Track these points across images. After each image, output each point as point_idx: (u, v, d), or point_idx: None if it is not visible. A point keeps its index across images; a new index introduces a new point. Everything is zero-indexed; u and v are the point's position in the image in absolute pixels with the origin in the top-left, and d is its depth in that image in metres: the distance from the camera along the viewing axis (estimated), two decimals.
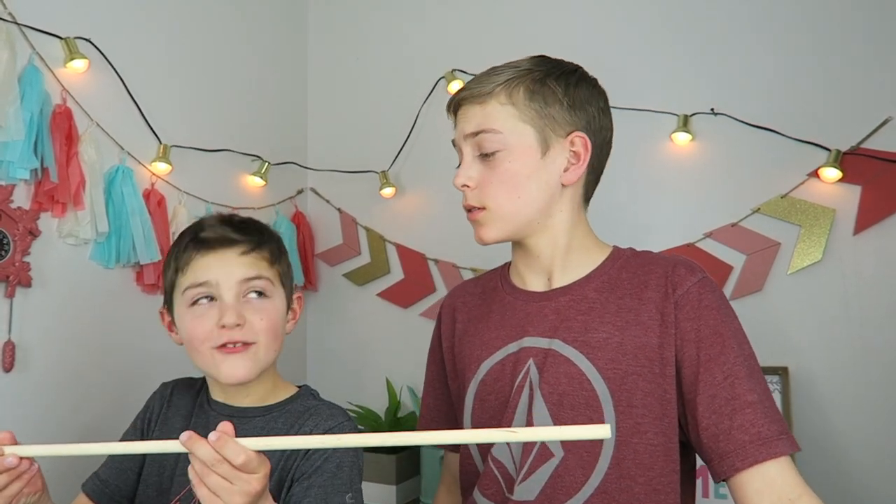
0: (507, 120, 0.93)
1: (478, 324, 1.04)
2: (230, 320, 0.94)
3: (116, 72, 1.53)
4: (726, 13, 1.65)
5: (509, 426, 0.93)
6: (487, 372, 0.98)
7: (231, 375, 0.95)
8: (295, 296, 1.09)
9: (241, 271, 0.98)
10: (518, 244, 1.00)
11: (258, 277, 0.99)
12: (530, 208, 0.94)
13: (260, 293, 0.99)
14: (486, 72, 0.98)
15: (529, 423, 0.91)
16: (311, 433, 0.98)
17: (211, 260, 0.98)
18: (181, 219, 1.64)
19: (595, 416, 0.88)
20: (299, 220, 2.04)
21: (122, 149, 1.53)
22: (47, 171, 1.33)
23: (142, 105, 1.58)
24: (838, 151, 1.49)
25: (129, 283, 1.53)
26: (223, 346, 0.95)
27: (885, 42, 1.49)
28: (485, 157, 0.94)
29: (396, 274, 1.99)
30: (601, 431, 0.58)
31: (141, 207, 1.52)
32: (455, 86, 1.90)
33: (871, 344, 1.45)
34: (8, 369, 1.29)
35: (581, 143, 0.94)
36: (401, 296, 1.96)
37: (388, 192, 1.99)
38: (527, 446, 0.91)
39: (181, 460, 1.01)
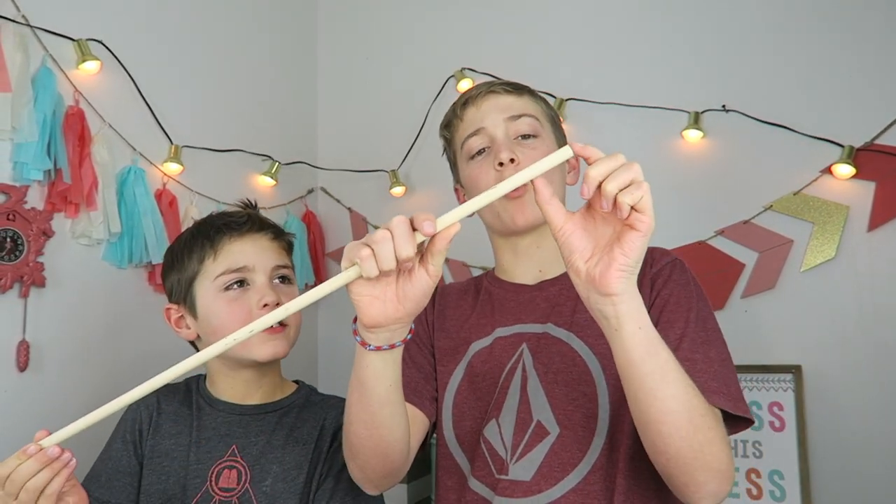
0: (540, 113, 1.02)
1: (468, 310, 1.06)
2: (272, 298, 1.00)
3: (128, 73, 1.54)
4: (738, 9, 1.64)
5: (500, 408, 0.94)
6: (476, 353, 0.99)
7: (273, 354, 1.02)
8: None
9: (273, 256, 1.05)
10: (519, 237, 1.02)
11: (285, 266, 1.07)
12: (560, 195, 0.97)
13: (286, 279, 1.07)
14: (495, 80, 1.08)
15: (524, 403, 0.92)
16: (324, 425, 1.05)
17: (245, 244, 1.04)
18: (192, 218, 1.65)
19: (588, 391, 0.91)
20: (310, 220, 2.05)
21: (134, 149, 1.54)
22: (60, 172, 1.34)
23: (153, 106, 1.59)
24: (852, 147, 1.47)
25: (141, 282, 1.54)
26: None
27: None
28: (524, 138, 0.98)
29: None
30: (564, 152, 0.66)
31: (153, 208, 1.53)
32: (465, 84, 1.90)
33: (886, 342, 1.44)
34: (23, 369, 1.30)
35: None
36: None
37: (397, 191, 1.99)
38: (520, 425, 0.91)
39: (191, 462, 1.02)
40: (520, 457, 0.90)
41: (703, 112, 1.64)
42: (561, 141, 1.05)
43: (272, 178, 1.91)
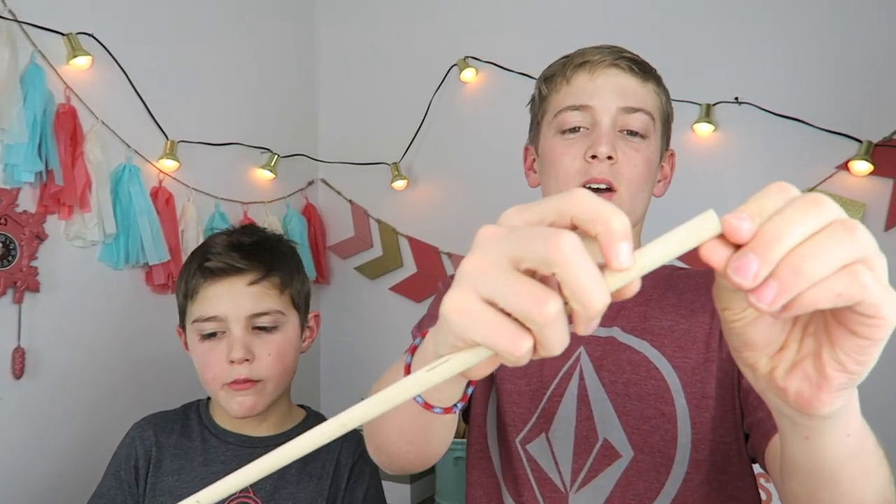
0: (657, 110, 0.86)
1: None
2: (238, 355, 0.93)
3: (121, 67, 1.49)
4: None
5: (551, 419, 0.79)
6: None
7: (239, 411, 0.95)
8: (311, 314, 1.07)
9: (249, 305, 0.95)
10: None
11: (266, 313, 0.96)
12: (643, 207, 0.86)
13: (267, 328, 0.97)
14: (623, 49, 0.86)
15: (585, 416, 0.79)
16: (339, 460, 1.00)
17: (220, 289, 0.95)
18: (190, 216, 1.61)
19: (667, 410, 0.77)
20: (310, 213, 2.01)
21: (129, 146, 1.49)
22: (52, 173, 1.30)
23: (148, 101, 1.54)
24: (870, 143, 1.42)
25: (139, 283, 1.51)
26: (233, 382, 0.94)
27: None
28: (631, 134, 0.83)
29: (409, 268, 1.95)
30: (707, 226, 0.34)
31: (149, 207, 1.49)
32: (468, 73, 1.85)
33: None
34: (18, 376, 1.27)
35: (672, 161, 0.92)
36: (414, 290, 1.93)
37: (399, 184, 1.94)
38: (581, 443, 0.77)
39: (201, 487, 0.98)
40: (583, 483, 0.77)
41: (714, 104, 1.59)
42: (666, 144, 0.90)
43: (271, 171, 1.86)
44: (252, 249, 0.98)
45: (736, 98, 1.57)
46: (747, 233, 0.33)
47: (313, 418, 1.07)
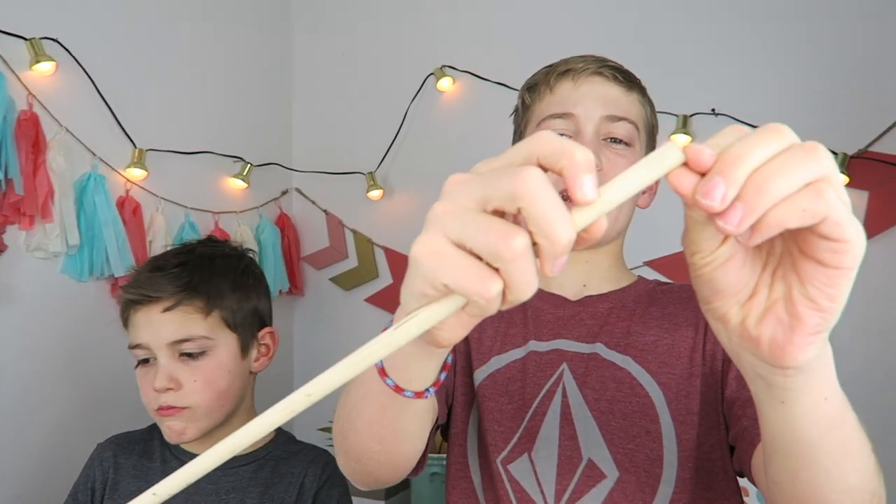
0: (641, 119, 0.85)
1: (494, 316, 0.91)
2: (159, 384, 0.91)
3: (87, 73, 1.44)
4: (728, 9, 1.58)
5: (534, 439, 0.76)
6: (500, 369, 0.83)
7: (171, 436, 0.93)
8: (264, 331, 1.02)
9: (169, 332, 0.92)
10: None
11: (187, 339, 0.93)
12: (628, 217, 0.86)
13: (194, 353, 0.93)
14: (606, 59, 0.85)
15: (568, 435, 0.76)
16: (304, 483, 0.96)
17: (140, 318, 0.94)
18: (158, 226, 1.57)
19: (651, 427, 0.75)
20: (284, 223, 1.97)
21: (94, 155, 1.45)
22: (12, 182, 1.25)
23: (115, 108, 1.50)
24: (845, 155, 1.43)
25: (104, 296, 1.46)
26: (160, 408, 0.92)
27: (893, 40, 1.42)
28: (615, 141, 0.82)
29: (385, 278, 1.92)
30: (670, 156, 0.34)
31: (114, 217, 1.44)
32: (445, 83, 1.83)
33: (878, 356, 1.40)
34: None
35: None
36: (390, 301, 1.90)
37: (375, 194, 1.91)
38: (565, 463, 0.75)
39: None
40: None
41: (691, 115, 1.58)
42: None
43: (244, 180, 1.82)
44: (174, 273, 0.94)
45: (713, 109, 1.57)
46: (709, 157, 0.33)
47: (283, 439, 1.03)
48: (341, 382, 0.35)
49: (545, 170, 0.33)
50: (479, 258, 0.32)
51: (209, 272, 0.96)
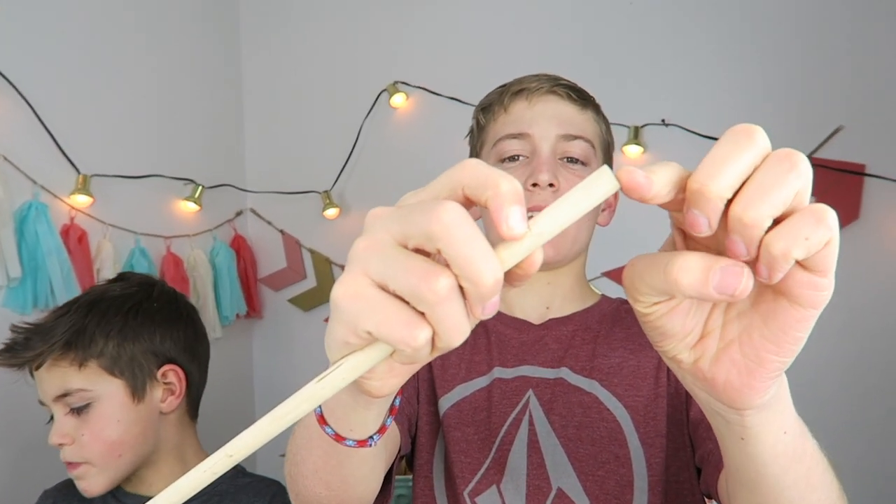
0: (596, 137, 0.84)
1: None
2: (52, 440, 0.90)
3: (24, 98, 1.39)
4: (675, 24, 1.61)
5: (502, 470, 0.74)
6: (465, 398, 0.80)
7: (82, 490, 0.91)
8: (164, 369, 0.94)
9: (50, 388, 0.90)
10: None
11: (66, 394, 0.89)
12: (588, 236, 0.85)
13: (79, 407, 0.90)
14: (560, 77, 0.85)
15: (536, 464, 0.74)
16: None
17: (30, 377, 0.94)
18: (106, 254, 1.52)
19: (620, 453, 0.74)
20: (239, 245, 1.93)
21: (35, 182, 1.40)
22: None
23: (56, 133, 1.45)
24: None
25: None
26: (66, 463, 0.91)
27: (835, 50, 1.46)
28: (571, 161, 0.81)
29: None
30: (606, 183, 0.31)
31: (58, 246, 1.39)
32: (398, 98, 1.82)
33: (827, 361, 1.43)
34: None
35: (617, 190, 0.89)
36: None
37: (331, 212, 1.89)
38: (533, 493, 0.73)
39: None
40: None
41: (642, 126, 1.60)
42: None
43: (195, 202, 1.78)
44: (49, 328, 0.90)
45: (663, 120, 1.59)
46: (645, 180, 0.31)
47: (231, 473, 0.98)
48: (265, 440, 0.32)
49: (471, 203, 0.31)
50: (406, 301, 0.30)
51: (82, 322, 0.91)
